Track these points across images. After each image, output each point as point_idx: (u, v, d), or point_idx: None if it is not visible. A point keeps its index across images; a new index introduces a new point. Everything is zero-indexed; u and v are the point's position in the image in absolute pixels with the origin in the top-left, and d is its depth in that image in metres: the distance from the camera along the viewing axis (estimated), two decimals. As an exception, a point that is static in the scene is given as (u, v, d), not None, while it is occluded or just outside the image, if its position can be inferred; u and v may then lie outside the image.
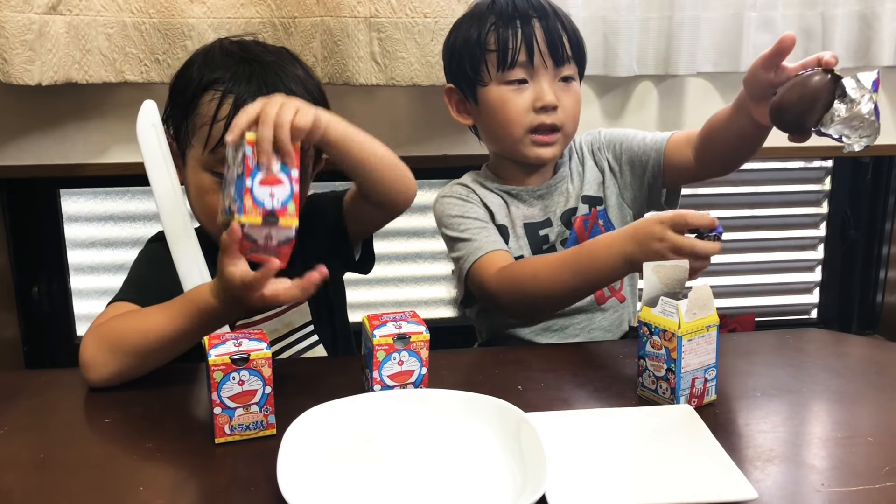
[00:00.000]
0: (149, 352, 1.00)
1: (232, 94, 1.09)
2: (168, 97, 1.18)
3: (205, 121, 1.09)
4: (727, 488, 0.76)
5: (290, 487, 0.73)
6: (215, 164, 1.09)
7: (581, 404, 0.95)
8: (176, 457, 0.87)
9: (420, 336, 0.94)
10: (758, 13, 1.65)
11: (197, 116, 1.11)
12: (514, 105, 1.28)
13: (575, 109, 1.31)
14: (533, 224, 1.33)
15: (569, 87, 1.30)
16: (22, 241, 1.72)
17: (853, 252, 2.05)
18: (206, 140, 1.09)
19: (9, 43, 1.34)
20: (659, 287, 0.97)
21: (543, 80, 1.27)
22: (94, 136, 1.58)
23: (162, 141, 1.13)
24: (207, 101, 1.10)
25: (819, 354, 1.16)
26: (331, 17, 1.48)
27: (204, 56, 1.16)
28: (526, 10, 1.27)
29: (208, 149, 1.09)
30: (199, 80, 1.11)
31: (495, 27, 1.27)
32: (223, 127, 1.07)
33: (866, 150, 1.08)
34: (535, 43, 1.26)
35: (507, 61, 1.26)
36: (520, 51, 1.26)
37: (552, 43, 1.26)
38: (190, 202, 1.16)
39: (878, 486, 0.79)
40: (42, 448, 0.89)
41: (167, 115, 1.17)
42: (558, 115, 1.28)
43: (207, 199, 1.12)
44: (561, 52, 1.27)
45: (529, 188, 1.35)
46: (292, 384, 1.01)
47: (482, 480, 0.80)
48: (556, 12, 1.29)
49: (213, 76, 1.11)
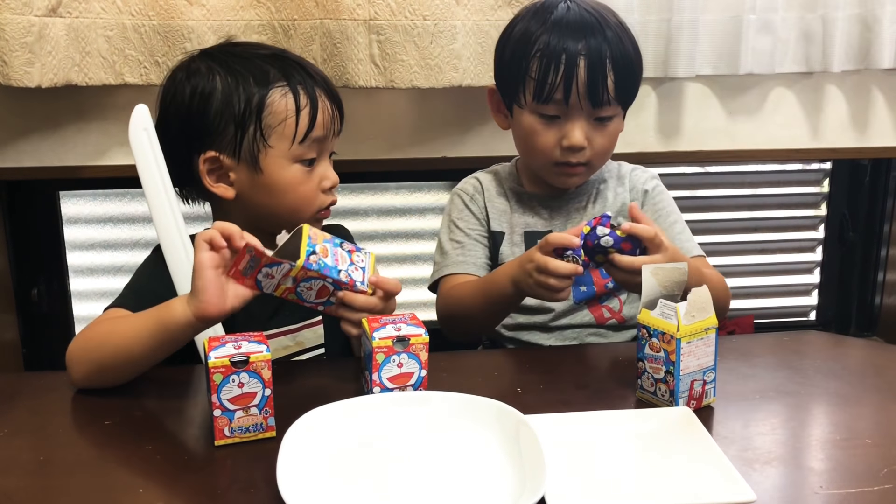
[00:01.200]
0: (115, 350, 1.00)
1: (299, 83, 1.14)
2: (200, 118, 1.13)
3: (284, 115, 1.13)
4: (726, 490, 0.76)
5: (289, 490, 0.73)
6: (305, 153, 1.14)
7: (580, 406, 0.95)
8: (175, 459, 0.87)
9: (419, 338, 0.94)
10: (757, 16, 1.65)
11: (270, 116, 1.12)
12: (542, 138, 1.27)
13: (607, 146, 1.29)
14: (533, 232, 1.33)
15: (604, 127, 1.26)
16: (21, 243, 1.72)
17: (852, 254, 2.05)
18: (294, 133, 1.13)
19: (8, 45, 1.34)
20: (657, 289, 0.97)
21: (576, 121, 1.24)
22: (94, 138, 1.58)
23: (154, 145, 1.13)
24: (279, 98, 1.13)
25: (818, 357, 1.16)
26: (330, 20, 1.48)
27: (231, 68, 1.15)
28: (576, 44, 1.22)
29: (297, 140, 1.13)
30: (259, 86, 1.13)
31: (541, 55, 1.23)
32: (308, 115, 1.13)
33: None
34: (574, 85, 1.21)
35: (543, 96, 1.23)
36: (557, 88, 1.22)
37: (593, 86, 1.22)
38: (269, 202, 1.15)
39: (877, 488, 0.79)
40: (42, 450, 0.89)
41: (206, 136, 1.14)
42: (585, 154, 1.26)
43: (301, 189, 1.15)
44: (601, 96, 1.22)
45: (542, 194, 1.35)
46: (292, 387, 1.02)
47: (481, 483, 0.80)
48: (610, 48, 1.22)
49: (272, 80, 1.14)
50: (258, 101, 1.12)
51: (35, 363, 1.76)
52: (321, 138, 1.15)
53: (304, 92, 1.14)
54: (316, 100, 1.15)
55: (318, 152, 1.16)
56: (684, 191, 1.97)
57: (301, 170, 1.15)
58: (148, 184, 1.13)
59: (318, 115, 1.14)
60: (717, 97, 1.73)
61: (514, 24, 1.31)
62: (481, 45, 1.54)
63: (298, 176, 1.15)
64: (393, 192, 1.90)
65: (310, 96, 1.14)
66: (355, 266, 1.00)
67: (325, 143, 1.17)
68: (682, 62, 1.63)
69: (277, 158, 1.13)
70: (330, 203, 1.19)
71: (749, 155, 1.79)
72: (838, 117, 1.78)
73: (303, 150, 1.14)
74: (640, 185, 1.37)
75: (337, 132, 1.20)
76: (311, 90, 1.15)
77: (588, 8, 1.27)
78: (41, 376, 1.13)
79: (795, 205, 2.04)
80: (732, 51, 1.66)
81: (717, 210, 2.01)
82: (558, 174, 1.30)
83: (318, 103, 1.15)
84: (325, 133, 1.16)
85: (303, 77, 1.16)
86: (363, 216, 1.90)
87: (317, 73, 1.19)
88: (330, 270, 0.96)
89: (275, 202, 1.15)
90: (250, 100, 1.12)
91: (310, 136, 1.14)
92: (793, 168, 2.01)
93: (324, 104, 1.16)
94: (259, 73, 1.14)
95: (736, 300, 2.07)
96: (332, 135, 1.19)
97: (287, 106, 1.13)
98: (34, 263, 1.75)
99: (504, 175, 1.40)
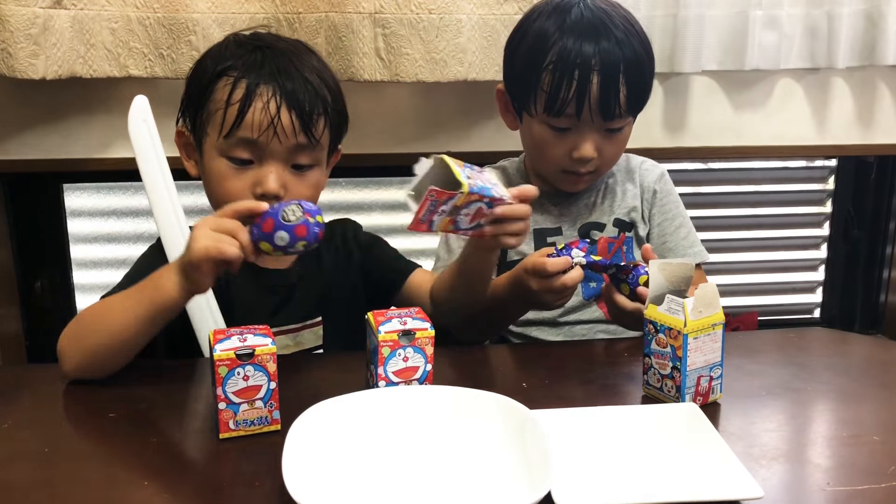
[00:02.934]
0: (106, 335, 0.99)
1: (245, 79, 1.09)
2: (184, 92, 1.17)
3: (219, 106, 1.09)
4: (733, 486, 0.76)
5: (294, 483, 0.73)
6: (230, 149, 1.09)
7: (586, 402, 0.95)
8: (180, 452, 0.87)
9: (425, 332, 0.94)
10: (763, 11, 1.64)
11: (211, 103, 1.10)
12: (552, 149, 1.26)
13: (616, 154, 1.29)
14: (542, 230, 1.33)
15: (614, 138, 1.26)
16: (25, 236, 1.72)
17: (856, 251, 2.04)
18: (220, 125, 1.09)
19: (13, 37, 1.34)
20: (665, 285, 0.97)
21: (587, 134, 1.23)
22: (98, 130, 1.57)
23: (154, 136, 1.14)
24: (221, 88, 1.10)
25: (823, 353, 1.16)
26: (335, 13, 1.47)
27: (218, 48, 1.16)
28: (589, 57, 1.19)
29: (223, 134, 1.09)
30: (213, 70, 1.12)
31: (553, 68, 1.21)
32: (236, 111, 1.07)
33: None
34: (587, 99, 1.20)
35: (555, 109, 1.22)
36: (569, 104, 1.20)
37: (605, 100, 1.20)
38: (208, 191, 1.15)
39: (884, 485, 0.79)
40: (46, 442, 0.89)
41: (183, 109, 1.17)
42: (594, 163, 1.26)
43: (226, 185, 1.10)
44: (613, 110, 1.21)
45: (551, 192, 1.34)
46: (297, 380, 1.01)
47: (487, 478, 0.80)
48: (624, 60, 1.20)
49: (226, 64, 1.11)
50: (207, 86, 1.11)
51: (38, 356, 1.76)
52: (251, 141, 1.07)
53: (245, 89, 1.07)
54: (250, 99, 1.07)
55: (256, 156, 1.09)
56: (689, 187, 1.96)
57: (227, 165, 1.10)
58: (147, 175, 1.13)
59: (247, 115, 1.07)
60: (723, 92, 1.72)
61: (527, 24, 1.28)
62: (487, 39, 1.53)
63: (223, 170, 1.10)
64: (397, 187, 1.89)
65: (247, 95, 1.07)
66: (492, 182, 1.00)
67: (266, 148, 1.08)
68: (688, 57, 1.63)
69: (210, 147, 1.12)
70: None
71: (754, 151, 1.78)
72: (844, 114, 1.77)
73: (228, 146, 1.09)
74: (650, 183, 1.36)
75: (301, 146, 1.10)
76: (255, 90, 1.07)
77: (602, 15, 1.23)
78: (44, 368, 1.13)
79: (800, 202, 2.03)
80: (738, 46, 1.66)
81: (721, 206, 2.00)
82: (565, 180, 1.30)
83: (251, 104, 1.07)
84: (261, 138, 1.07)
85: (260, 76, 1.08)
86: (367, 210, 1.89)
87: (293, 78, 1.10)
88: (487, 190, 0.97)
89: (208, 191, 1.15)
90: (203, 82, 1.12)
91: (235, 133, 1.08)
92: (798, 165, 2.01)
93: (265, 109, 1.07)
94: (227, 56, 1.12)
95: (740, 297, 2.07)
96: (288, 145, 1.09)
97: (223, 96, 1.09)
98: (37, 256, 1.75)
99: (512, 171, 1.39)
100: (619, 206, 1.34)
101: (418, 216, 0.94)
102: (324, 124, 1.12)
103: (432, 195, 0.93)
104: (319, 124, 1.12)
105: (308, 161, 1.12)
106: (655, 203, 1.35)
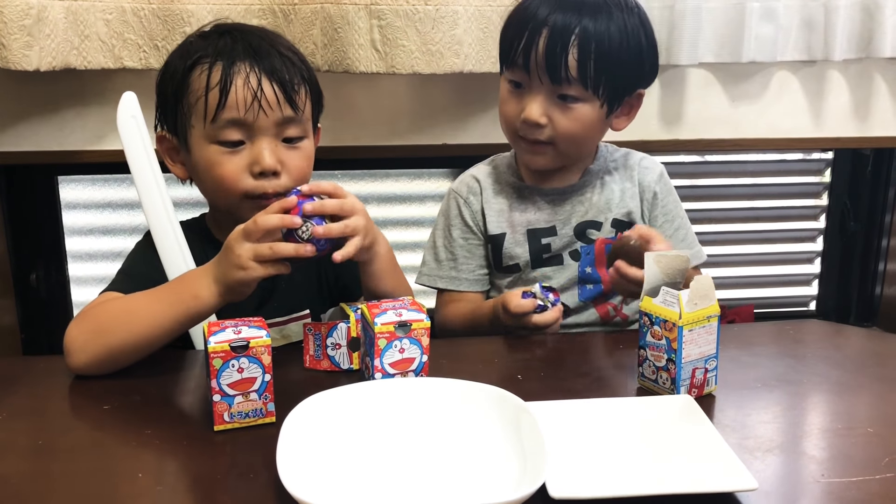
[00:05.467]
0: (133, 336, 1.00)
1: (220, 61, 1.08)
2: (157, 97, 1.16)
3: (199, 95, 1.08)
4: (728, 478, 0.76)
5: (289, 475, 0.73)
6: (219, 133, 1.08)
7: (581, 394, 0.95)
8: (175, 444, 0.87)
9: (421, 323, 0.94)
10: (760, 3, 1.64)
11: (190, 95, 1.09)
12: (507, 106, 1.25)
13: (571, 130, 1.22)
14: (536, 230, 1.30)
15: (568, 109, 1.21)
16: (20, 228, 1.72)
17: (852, 244, 2.05)
18: (204, 112, 1.08)
19: (7, 28, 1.33)
20: (660, 277, 0.97)
21: (536, 94, 1.21)
22: (93, 122, 1.57)
23: (143, 132, 1.13)
24: (197, 77, 1.09)
25: (819, 345, 1.16)
26: (331, 4, 1.47)
27: (181, 47, 1.15)
28: (545, 15, 1.18)
29: (209, 119, 1.08)
30: (185, 64, 1.10)
31: (512, 19, 1.23)
32: (218, 93, 1.07)
33: None
34: (534, 52, 1.18)
35: (508, 59, 1.22)
36: (519, 54, 1.20)
37: (551, 58, 1.17)
38: (200, 183, 1.15)
39: (878, 476, 0.79)
40: (40, 434, 0.89)
41: (160, 115, 1.16)
42: (545, 133, 1.22)
43: (218, 171, 1.09)
44: (560, 71, 1.18)
45: (543, 189, 1.32)
46: (292, 372, 1.01)
47: (482, 469, 0.80)
48: (582, 26, 1.17)
49: (197, 55, 1.10)
50: (182, 79, 1.10)
51: (33, 348, 1.76)
52: (239, 120, 1.07)
53: (222, 70, 1.07)
54: (230, 78, 1.07)
55: (247, 135, 1.09)
56: (685, 179, 1.96)
57: (219, 150, 1.09)
58: (137, 170, 1.12)
59: (230, 94, 1.06)
60: (720, 85, 1.72)
61: None
62: (483, 31, 1.53)
63: (215, 157, 1.09)
64: (393, 179, 1.89)
65: (226, 74, 1.07)
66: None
67: (254, 125, 1.08)
68: (685, 49, 1.63)
69: (198, 138, 1.10)
70: (262, 191, 1.09)
71: (750, 144, 1.79)
72: (840, 106, 1.77)
73: (216, 130, 1.08)
74: (650, 183, 1.33)
75: (288, 118, 1.10)
76: (231, 69, 1.07)
77: None
78: (40, 361, 1.13)
79: (796, 194, 2.03)
80: (735, 38, 1.66)
81: (717, 199, 2.00)
82: (523, 150, 1.28)
83: (231, 82, 1.07)
84: (247, 115, 1.07)
85: (234, 55, 1.08)
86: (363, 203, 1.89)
87: (267, 53, 1.10)
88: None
89: (202, 183, 1.14)
90: (178, 78, 1.11)
91: (220, 116, 1.07)
92: (794, 157, 2.01)
93: (246, 85, 1.07)
94: (194, 50, 1.11)
95: (736, 290, 2.08)
96: (275, 118, 1.09)
97: (201, 84, 1.08)
98: (33, 248, 1.74)
99: (503, 168, 1.36)
100: (618, 206, 1.31)
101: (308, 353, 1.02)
102: (305, 93, 1.13)
103: (310, 329, 1.00)
104: (301, 93, 1.12)
105: (297, 133, 1.12)
106: (656, 205, 1.32)
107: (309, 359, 1.01)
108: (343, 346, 1.00)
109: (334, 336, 1.00)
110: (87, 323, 1.02)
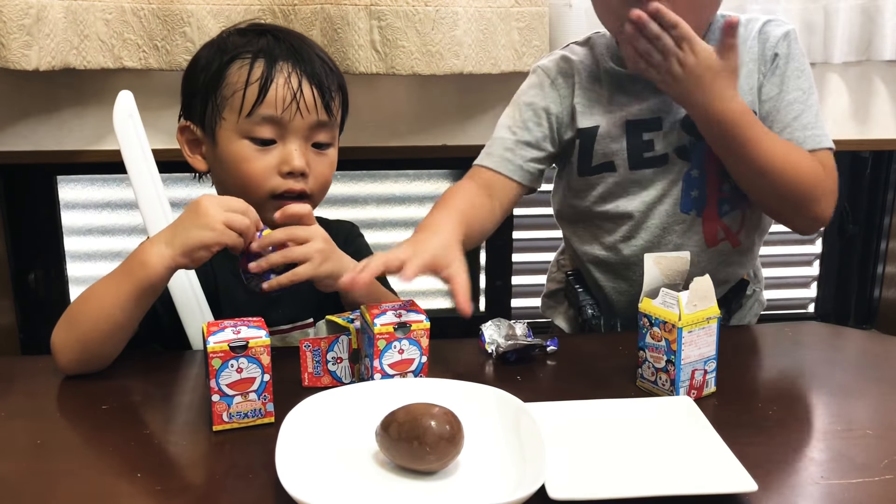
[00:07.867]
0: (95, 321, 0.98)
1: (261, 58, 1.09)
2: (184, 88, 1.16)
3: (236, 88, 1.09)
4: (727, 480, 0.76)
5: (288, 476, 0.73)
6: (252, 129, 1.09)
7: (580, 395, 0.95)
8: (173, 444, 0.86)
9: (420, 324, 0.93)
10: (760, 6, 1.64)
11: (226, 87, 1.10)
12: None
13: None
14: (636, 122, 1.14)
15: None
16: (18, 228, 1.72)
17: (851, 247, 2.05)
18: (240, 106, 1.09)
19: (6, 27, 1.33)
20: (660, 278, 0.97)
21: None
22: (92, 122, 1.57)
23: (139, 131, 1.13)
24: (236, 70, 1.10)
25: (818, 347, 1.16)
26: (331, 5, 1.47)
27: (218, 40, 1.15)
28: None
29: (244, 114, 1.08)
30: (222, 57, 1.11)
31: None
32: (258, 88, 1.08)
33: None
34: None
35: None
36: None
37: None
38: (224, 176, 1.14)
39: (878, 478, 0.79)
40: (38, 434, 0.89)
41: (185, 106, 1.16)
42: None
43: (245, 167, 1.10)
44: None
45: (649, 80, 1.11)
46: (291, 372, 1.01)
47: (481, 470, 0.80)
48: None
49: (238, 50, 1.11)
50: (218, 71, 1.10)
51: (31, 348, 1.76)
52: (275, 118, 1.08)
53: (265, 67, 1.08)
54: (271, 76, 1.08)
55: (279, 134, 1.09)
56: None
57: (250, 146, 1.09)
58: (133, 170, 1.12)
59: (269, 91, 1.07)
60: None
61: None
62: (483, 33, 1.53)
63: (246, 152, 1.09)
64: (393, 180, 1.89)
65: (268, 72, 1.08)
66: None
67: (288, 125, 1.09)
68: (685, 51, 1.62)
69: (228, 131, 1.10)
70: (287, 190, 1.10)
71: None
72: (839, 109, 1.77)
73: (250, 126, 1.08)
74: (770, 46, 1.14)
75: (322, 122, 1.11)
76: (273, 67, 1.08)
77: None
78: (38, 360, 1.12)
79: (795, 196, 2.03)
80: (735, 41, 1.65)
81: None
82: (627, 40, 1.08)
83: (272, 80, 1.08)
84: (284, 115, 1.08)
85: (277, 54, 1.09)
86: (362, 204, 1.89)
87: (309, 57, 1.11)
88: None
89: (228, 178, 1.13)
90: (213, 70, 1.11)
91: (257, 111, 1.08)
92: (793, 159, 2.00)
93: (287, 84, 1.08)
94: (233, 45, 1.12)
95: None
96: (309, 121, 1.10)
97: (240, 78, 1.09)
98: (31, 248, 1.74)
99: (601, 49, 1.19)
100: (741, 88, 1.11)
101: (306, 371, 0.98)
102: (339, 102, 1.15)
103: (307, 346, 0.97)
104: (336, 101, 1.14)
105: (327, 139, 1.13)
106: (773, 71, 1.12)
107: (308, 377, 0.98)
108: (345, 359, 0.99)
109: (335, 350, 0.98)
110: (62, 322, 1.01)
